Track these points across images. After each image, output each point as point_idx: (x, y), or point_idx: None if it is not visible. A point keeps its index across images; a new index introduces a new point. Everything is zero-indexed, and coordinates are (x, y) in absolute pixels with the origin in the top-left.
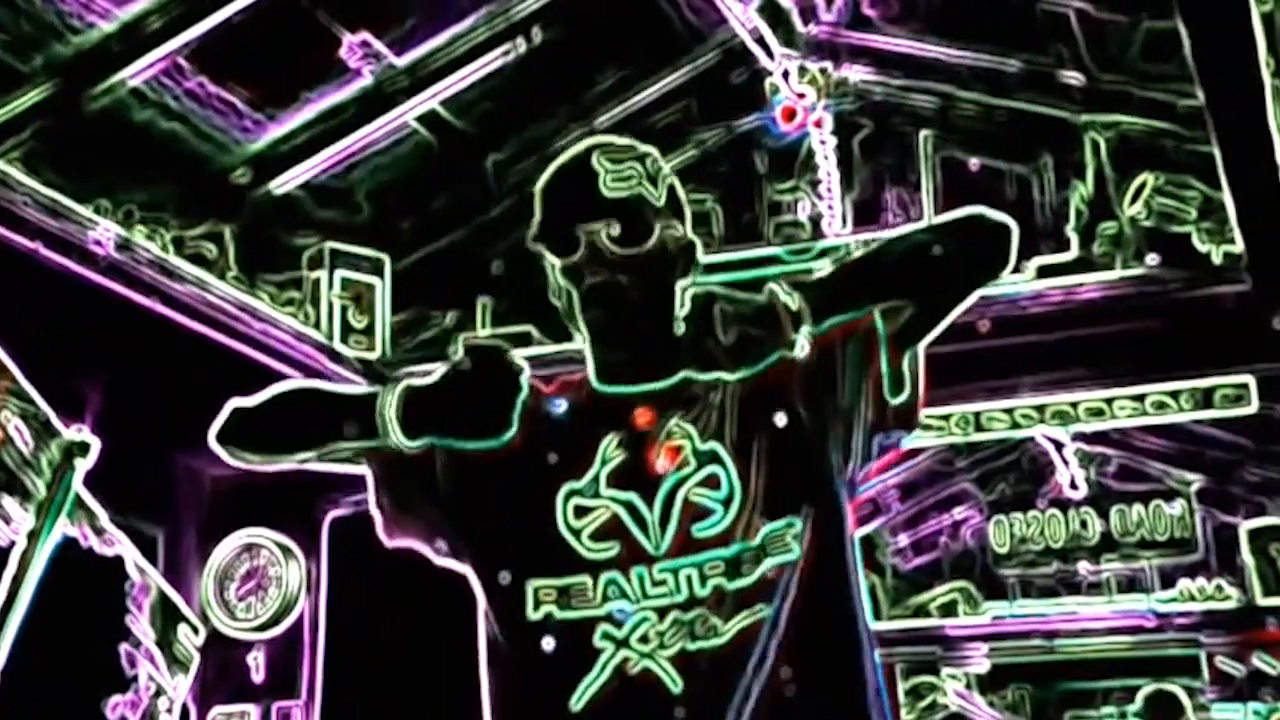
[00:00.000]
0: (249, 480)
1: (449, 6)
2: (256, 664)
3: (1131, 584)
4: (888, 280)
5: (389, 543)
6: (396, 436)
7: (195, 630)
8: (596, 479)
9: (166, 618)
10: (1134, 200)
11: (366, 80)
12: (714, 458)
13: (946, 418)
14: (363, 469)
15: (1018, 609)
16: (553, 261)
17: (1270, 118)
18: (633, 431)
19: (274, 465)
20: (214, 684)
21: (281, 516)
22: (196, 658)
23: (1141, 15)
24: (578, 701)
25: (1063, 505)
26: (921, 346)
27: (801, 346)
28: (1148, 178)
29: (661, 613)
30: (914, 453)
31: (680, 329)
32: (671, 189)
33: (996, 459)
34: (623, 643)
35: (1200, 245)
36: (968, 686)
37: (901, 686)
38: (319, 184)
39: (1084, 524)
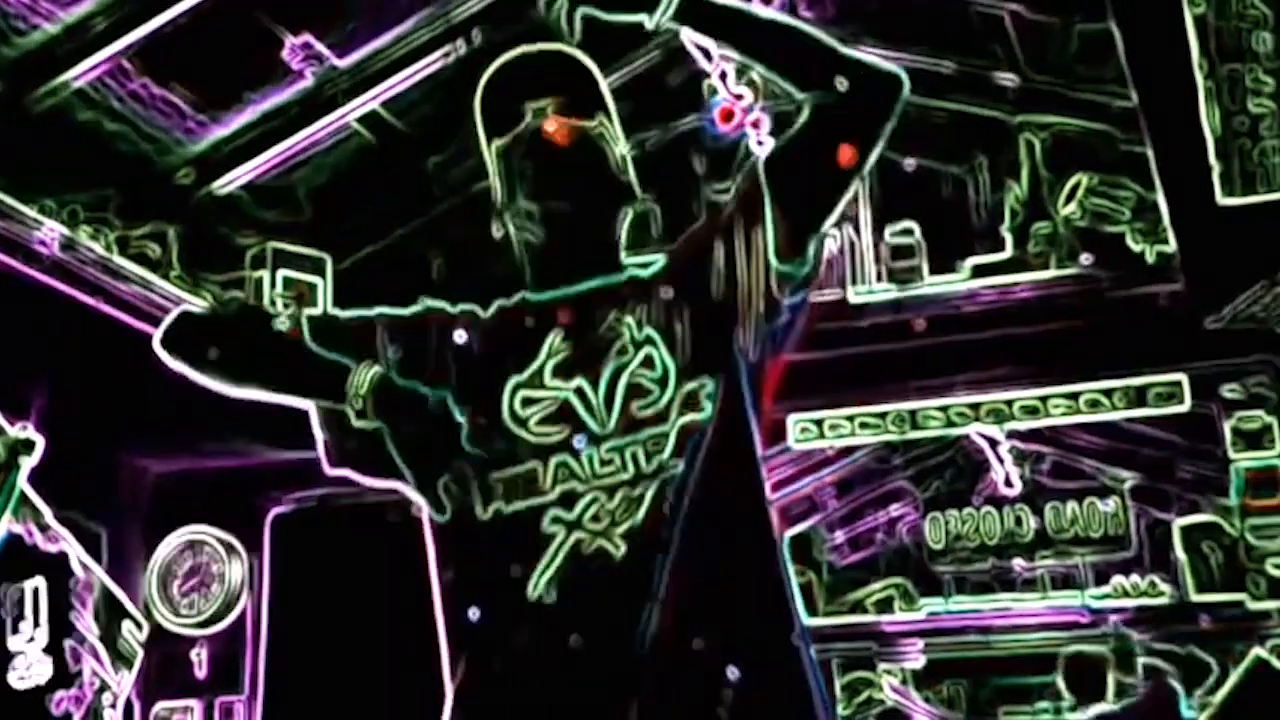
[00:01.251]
0: (192, 477)
1: (390, 9)
2: (200, 660)
3: (1066, 580)
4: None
5: (330, 470)
6: (353, 415)
7: (139, 626)
8: (540, 371)
9: (110, 614)
10: (1068, 200)
11: (308, 82)
12: (649, 340)
13: (882, 416)
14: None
15: (953, 605)
16: (497, 145)
17: (1203, 118)
18: (572, 328)
19: (218, 383)
20: (158, 679)
21: (224, 513)
22: (140, 653)
23: (1075, 17)
24: (535, 588)
25: (998, 503)
26: (827, 225)
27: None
28: (1082, 178)
29: (611, 491)
30: (850, 450)
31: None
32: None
33: (932, 457)
34: (575, 524)
35: (1134, 245)
36: (904, 682)
37: (838, 682)
38: (261, 184)
39: (1019, 521)
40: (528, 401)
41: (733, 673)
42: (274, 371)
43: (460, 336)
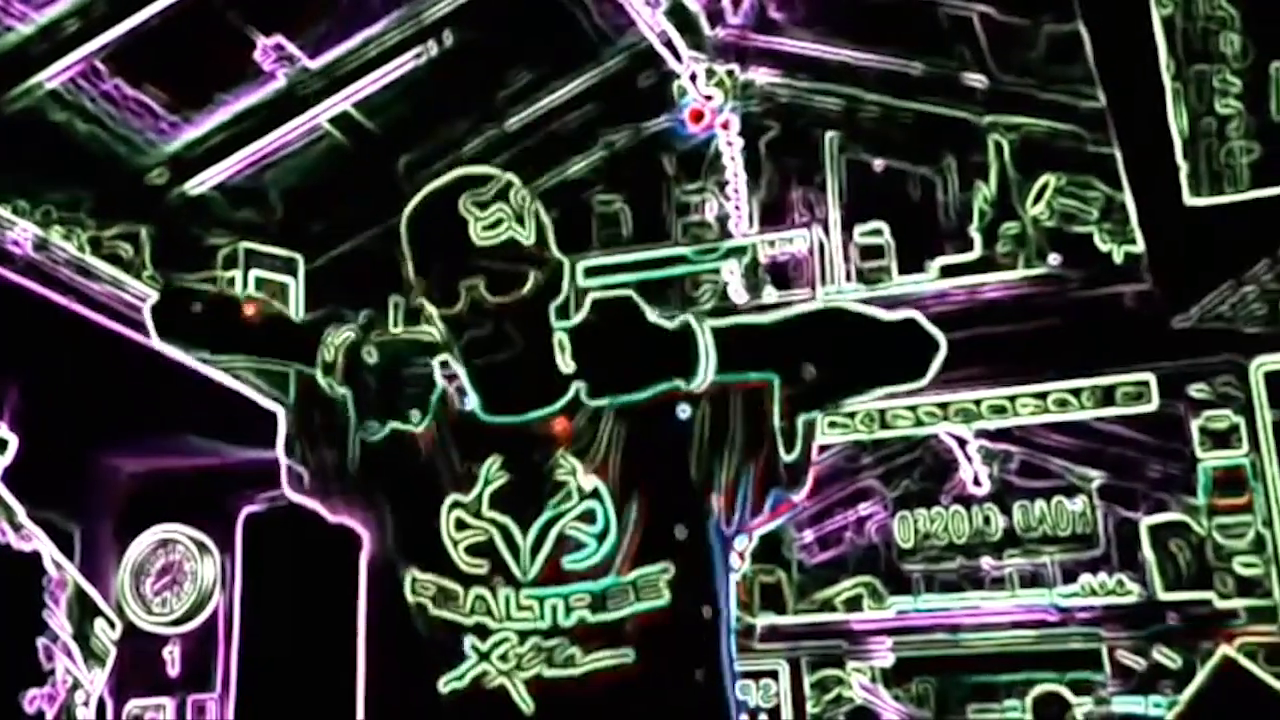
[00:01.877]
0: (164, 477)
1: (361, 11)
2: (172, 657)
3: (1034, 579)
4: (800, 352)
5: (292, 495)
6: (324, 375)
7: (112, 624)
8: (480, 498)
9: (83, 612)
10: (1036, 201)
11: (280, 83)
12: (594, 493)
13: (852, 415)
14: (277, 402)
15: (922, 604)
16: (432, 312)
17: (1170, 119)
18: (516, 456)
19: (197, 353)
20: (130, 677)
21: (197, 512)
22: (113, 651)
23: (1044, 19)
24: (446, 688)
25: (966, 502)
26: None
27: (699, 382)
28: (1050, 178)
29: (523, 636)
30: (820, 449)
31: (565, 349)
32: (537, 216)
33: (901, 456)
34: (484, 656)
35: (1101, 245)
36: (873, 680)
37: (807, 680)
38: (233, 185)
39: (987, 520)
40: (461, 525)
41: None
42: (251, 336)
43: (469, 402)
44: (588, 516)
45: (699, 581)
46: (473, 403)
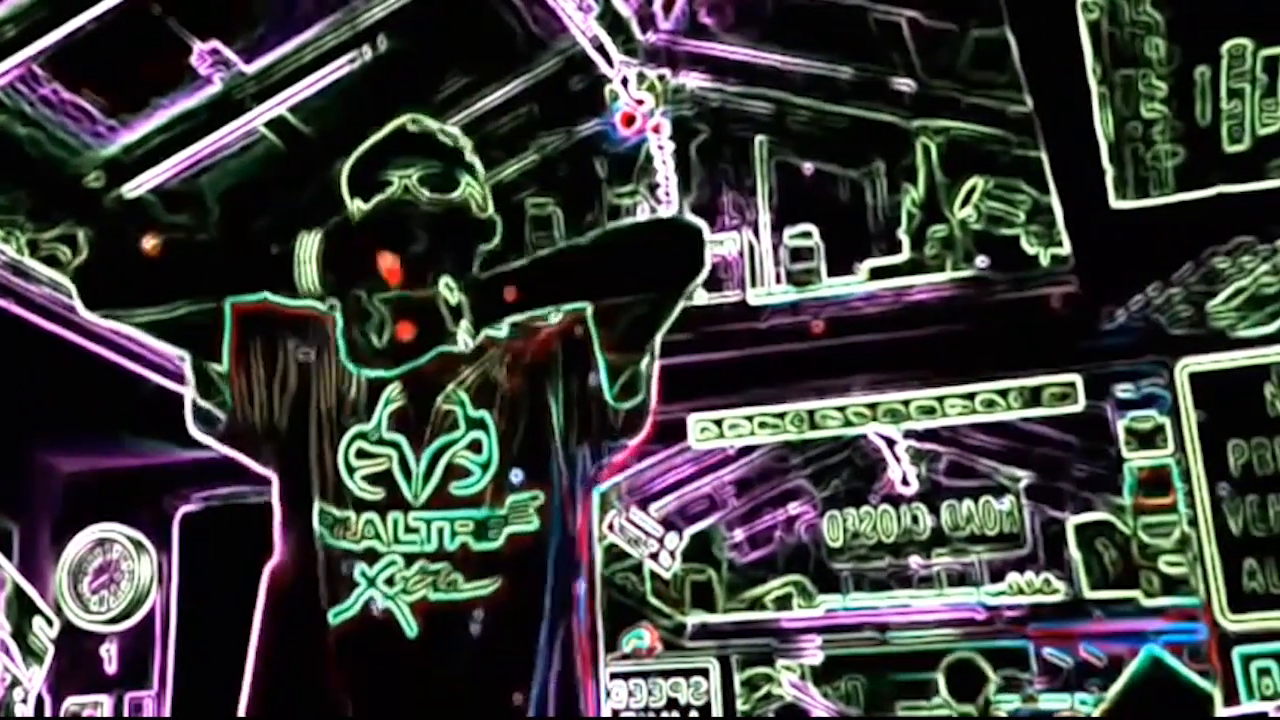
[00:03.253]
0: (102, 476)
1: (297, 15)
2: (109, 655)
3: (962, 578)
4: (561, 282)
5: (199, 436)
6: (312, 281)
7: (50, 623)
8: (379, 423)
9: (21, 611)
10: (964, 204)
11: (216, 87)
12: (481, 424)
13: (781, 416)
14: (183, 352)
15: (851, 602)
16: (361, 207)
17: (1096, 123)
18: (413, 383)
19: (127, 315)
20: (68, 675)
21: (134, 512)
22: (51, 649)
23: (971, 23)
24: (335, 618)
25: (895, 501)
26: (655, 351)
27: (464, 341)
28: (977, 181)
29: (409, 559)
30: (749, 450)
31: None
32: (475, 160)
33: (830, 456)
34: (371, 581)
35: (1028, 247)
36: (802, 678)
37: (738, 678)
38: (170, 188)
39: (915, 519)
40: (361, 454)
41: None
42: (187, 275)
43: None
44: (475, 446)
45: (562, 512)
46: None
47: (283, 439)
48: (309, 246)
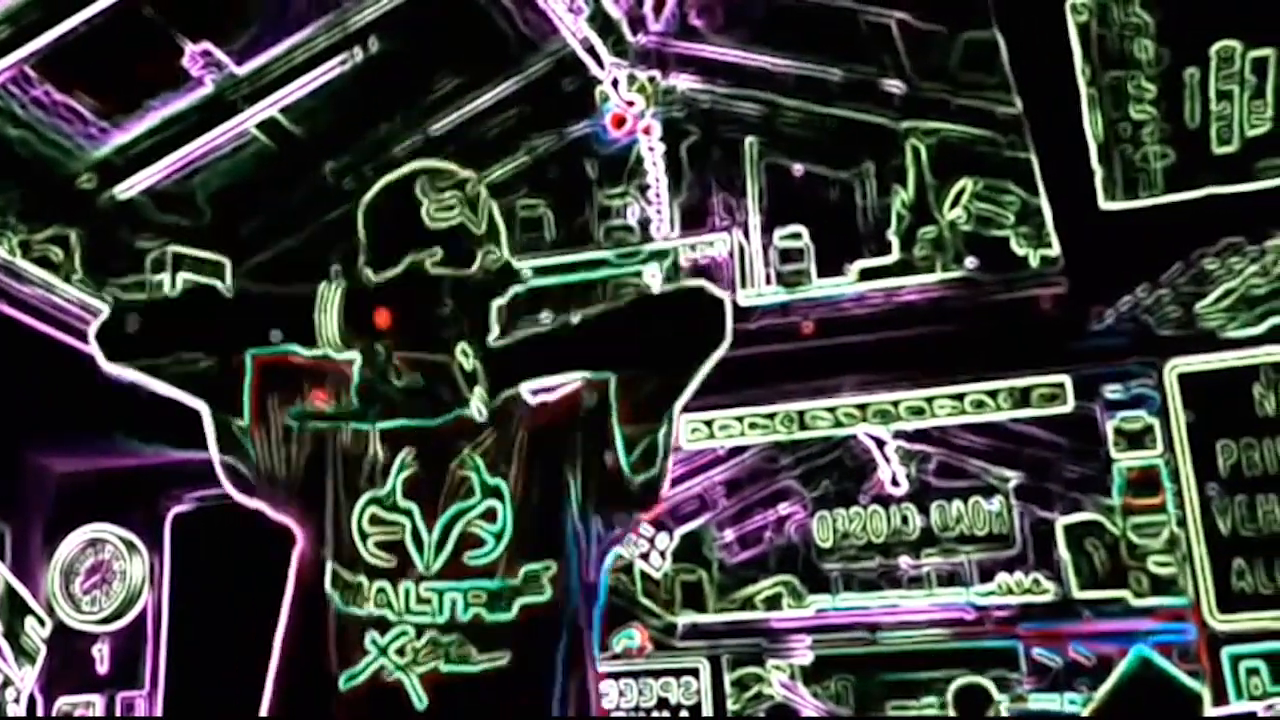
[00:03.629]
0: (94, 477)
1: (288, 17)
2: (101, 655)
3: (951, 578)
4: (580, 352)
5: (237, 495)
6: (333, 333)
7: (42, 623)
8: (394, 489)
9: (13, 611)
10: (953, 205)
11: (208, 89)
12: (496, 492)
13: (771, 416)
14: (203, 405)
15: (841, 602)
16: (375, 278)
17: (1086, 124)
18: (428, 450)
19: (149, 369)
20: (60, 675)
21: (126, 512)
22: (43, 649)
23: (961, 25)
24: (345, 684)
25: (884, 501)
26: (677, 431)
27: (477, 409)
28: (967, 183)
29: (420, 630)
30: (740, 450)
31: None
32: (490, 213)
33: (820, 457)
34: (383, 651)
35: (1018, 248)
36: (792, 678)
37: (728, 678)
38: (162, 189)
39: (905, 520)
40: (375, 520)
41: None
42: (206, 332)
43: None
44: (489, 514)
45: (574, 581)
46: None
47: (302, 494)
48: (330, 299)
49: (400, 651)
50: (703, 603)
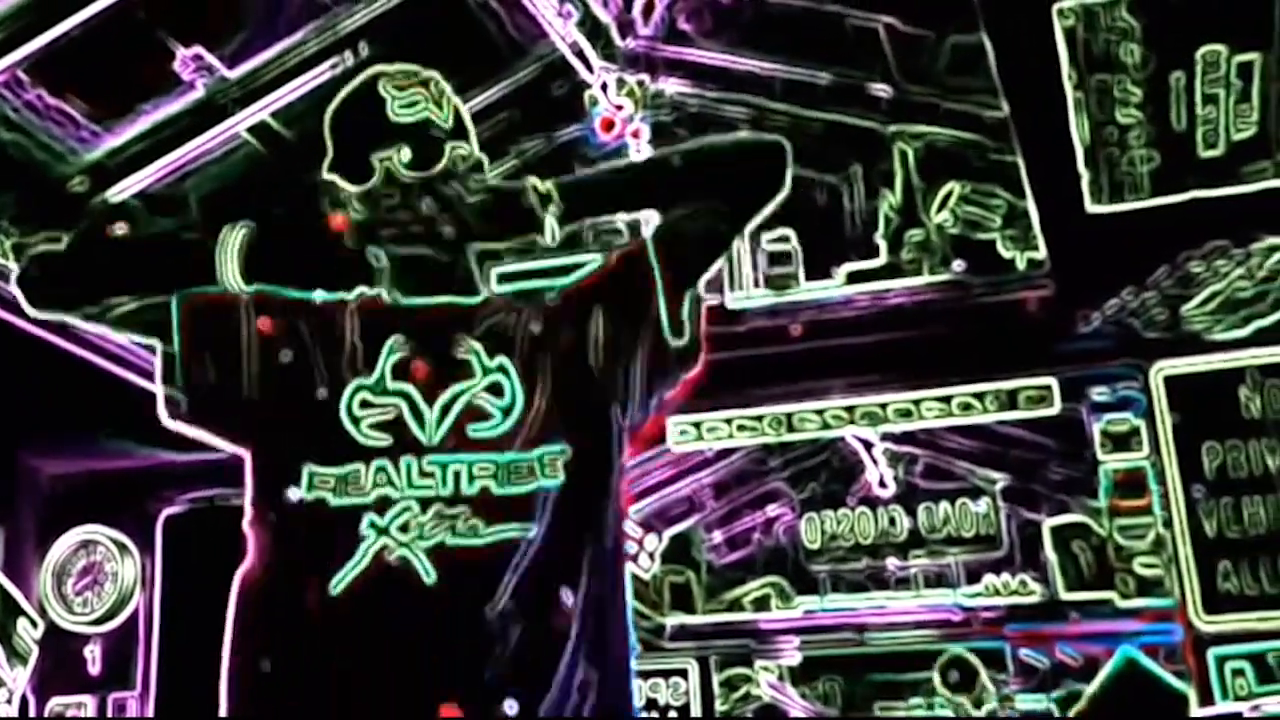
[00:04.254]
0: (86, 478)
1: (279, 22)
2: (93, 656)
3: (939, 579)
4: (649, 188)
5: (169, 422)
6: (234, 279)
7: (34, 624)
8: (383, 374)
9: (5, 612)
10: (941, 208)
11: (199, 93)
12: (500, 369)
13: (759, 418)
14: (152, 340)
15: (829, 603)
16: (348, 190)
17: (1072, 128)
18: (417, 334)
19: (75, 314)
20: (52, 676)
21: (118, 514)
22: (35, 650)
23: (948, 30)
24: (336, 586)
25: (872, 503)
26: (702, 289)
27: (550, 230)
28: (954, 186)
29: (425, 504)
30: (728, 453)
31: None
32: (456, 110)
33: (808, 459)
34: (383, 530)
35: (1005, 251)
36: (780, 678)
37: (716, 678)
38: (154, 192)
39: (892, 521)
40: (365, 404)
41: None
42: (131, 271)
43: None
44: (495, 389)
45: (594, 467)
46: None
47: (254, 411)
48: (231, 241)
49: (404, 528)
50: (691, 604)
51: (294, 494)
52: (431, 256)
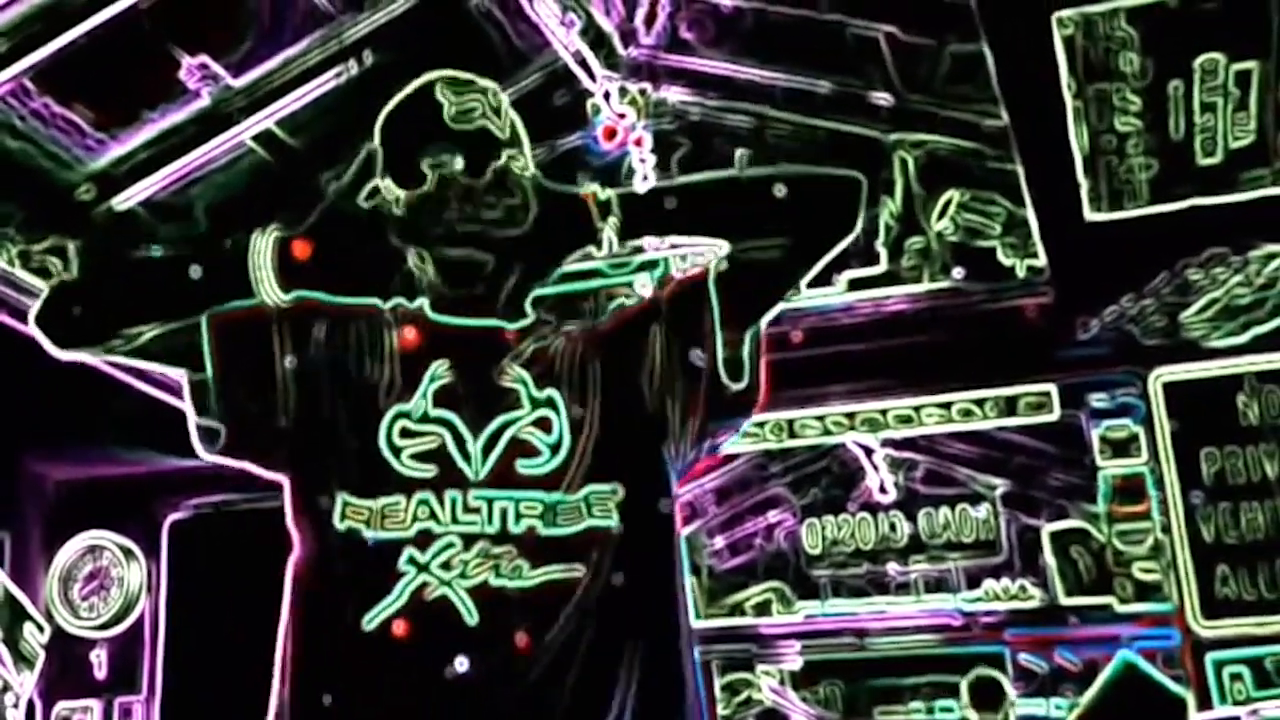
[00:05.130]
0: (92, 484)
1: (284, 30)
2: (99, 661)
3: (939, 584)
4: (719, 211)
5: (207, 457)
6: (270, 288)
7: (40, 629)
8: (425, 399)
9: (12, 616)
10: (940, 216)
11: (205, 101)
12: (549, 403)
13: (761, 425)
14: (181, 371)
15: (829, 608)
16: (398, 195)
17: (1071, 136)
18: (462, 360)
19: (100, 350)
20: (58, 680)
21: (123, 519)
22: (41, 655)
23: (948, 39)
24: (370, 621)
25: (872, 509)
26: (763, 328)
27: (608, 240)
28: (954, 194)
29: (468, 541)
30: (730, 459)
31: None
32: (513, 122)
33: (809, 465)
34: (424, 567)
35: (1005, 259)
36: (781, 683)
37: (718, 683)
38: (159, 200)
39: (893, 527)
40: (406, 433)
41: None
42: (163, 295)
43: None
44: (543, 424)
45: (647, 507)
46: (423, 298)
47: (297, 435)
48: (263, 249)
49: (446, 565)
50: (693, 609)
51: (333, 519)
52: (478, 261)
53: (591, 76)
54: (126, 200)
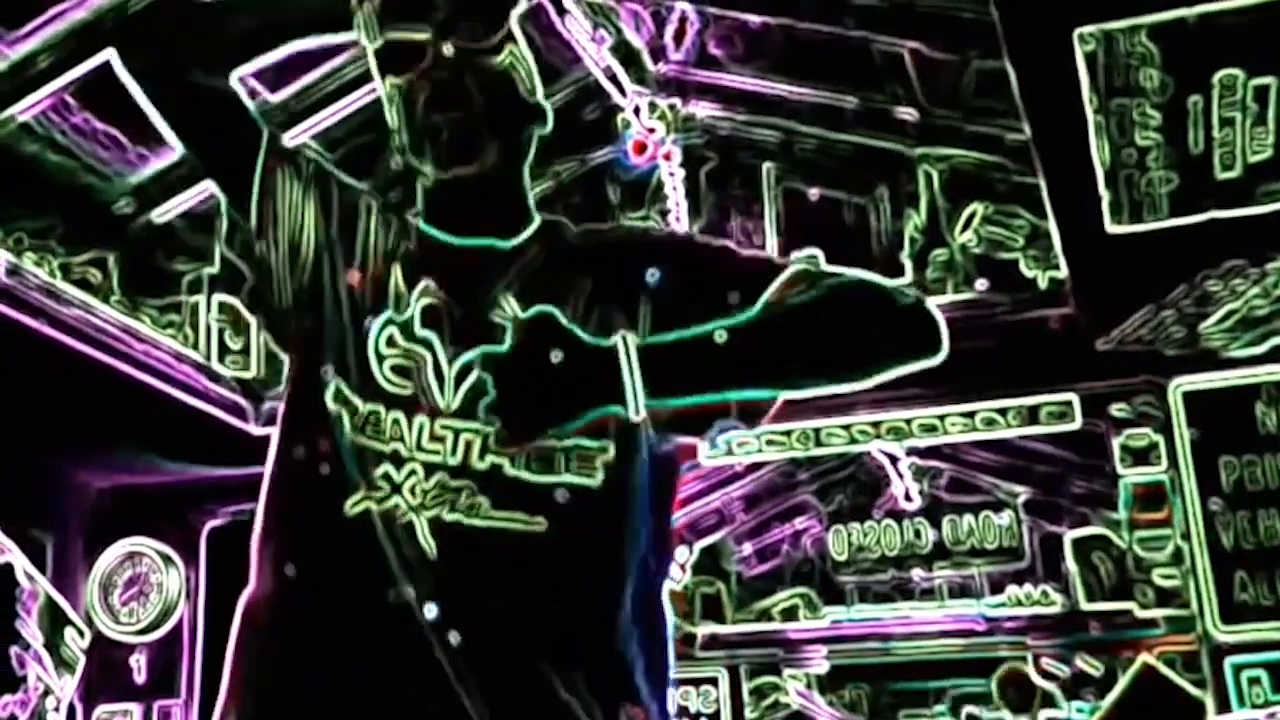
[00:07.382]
0: (132, 492)
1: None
2: (139, 665)
3: (962, 590)
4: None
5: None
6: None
7: (81, 633)
8: (412, 317)
9: (54, 621)
10: (964, 229)
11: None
12: None
13: (788, 433)
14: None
15: (855, 613)
16: (396, 81)
17: (1093, 150)
18: (454, 280)
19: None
20: (99, 684)
21: (163, 526)
22: (82, 659)
23: (972, 55)
24: (353, 507)
25: (898, 516)
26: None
27: (637, 413)
28: (977, 207)
29: (429, 470)
30: (757, 466)
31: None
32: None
33: (835, 472)
34: (396, 489)
35: (1027, 271)
36: (808, 686)
37: (746, 687)
38: (197, 213)
39: (918, 533)
40: (391, 342)
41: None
42: None
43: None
44: None
45: (634, 473)
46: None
47: (310, 308)
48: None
49: (412, 491)
50: (721, 614)
51: (328, 400)
52: (473, 137)
53: (622, 92)
54: (165, 213)
